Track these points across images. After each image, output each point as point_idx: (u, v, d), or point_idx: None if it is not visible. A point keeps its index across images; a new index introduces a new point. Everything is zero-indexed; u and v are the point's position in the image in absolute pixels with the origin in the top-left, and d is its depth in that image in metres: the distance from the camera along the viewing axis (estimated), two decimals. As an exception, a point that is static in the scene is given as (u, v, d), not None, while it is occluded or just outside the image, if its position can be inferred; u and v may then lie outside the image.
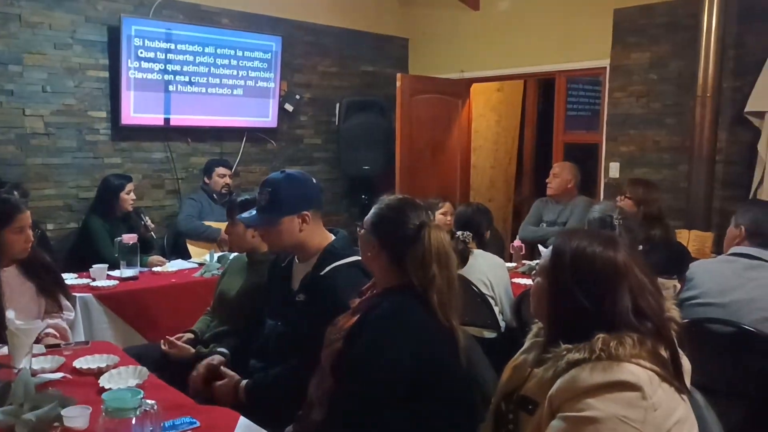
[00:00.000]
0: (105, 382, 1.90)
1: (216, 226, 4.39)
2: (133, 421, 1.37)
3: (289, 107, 5.68)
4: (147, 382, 1.92)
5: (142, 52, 4.67)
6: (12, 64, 4.24)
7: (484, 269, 3.10)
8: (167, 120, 4.93)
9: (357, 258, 1.98)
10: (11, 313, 2.21)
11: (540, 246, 3.60)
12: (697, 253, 3.89)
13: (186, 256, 4.27)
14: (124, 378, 1.94)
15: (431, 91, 5.94)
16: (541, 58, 5.56)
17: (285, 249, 2.20)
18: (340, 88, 6.05)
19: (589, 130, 5.67)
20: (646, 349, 1.24)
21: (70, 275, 3.41)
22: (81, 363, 2.06)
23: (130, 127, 4.76)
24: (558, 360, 1.28)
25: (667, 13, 4.81)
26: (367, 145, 5.81)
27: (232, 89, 5.20)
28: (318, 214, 2.15)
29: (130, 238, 3.50)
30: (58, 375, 1.98)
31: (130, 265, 3.49)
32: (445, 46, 6.24)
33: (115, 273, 3.50)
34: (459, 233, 3.09)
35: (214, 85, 5.10)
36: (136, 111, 4.72)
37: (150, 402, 1.43)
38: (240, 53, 5.19)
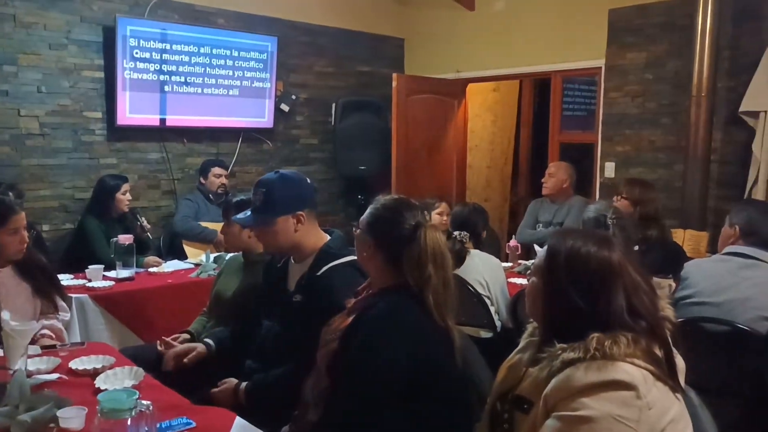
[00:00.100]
0: (101, 383, 1.90)
1: (212, 226, 4.39)
2: (128, 422, 1.37)
3: (285, 107, 5.68)
4: (143, 383, 1.92)
5: (137, 53, 4.66)
6: (6, 64, 4.22)
7: (480, 269, 3.11)
8: (163, 120, 4.92)
9: (353, 258, 1.98)
10: (6, 314, 2.19)
11: (536, 246, 3.61)
12: (692, 252, 3.90)
13: (182, 256, 4.27)
14: (120, 379, 1.94)
15: (427, 91, 5.95)
16: (537, 58, 5.57)
17: (281, 250, 2.20)
18: (336, 88, 6.05)
19: (585, 130, 5.68)
20: (641, 348, 1.25)
21: (66, 276, 3.41)
22: (77, 364, 2.06)
23: (126, 127, 4.75)
24: (553, 359, 1.29)
25: (662, 13, 4.82)
26: (363, 145, 5.80)
27: (227, 89, 5.19)
28: (313, 214, 2.15)
29: (126, 239, 3.50)
30: (54, 376, 1.98)
31: (126, 265, 3.50)
32: (441, 46, 6.24)
33: (111, 274, 3.50)
34: (456, 233, 3.10)
35: (210, 86, 5.09)
36: (132, 111, 4.72)
37: (145, 403, 1.43)
38: (236, 53, 5.19)
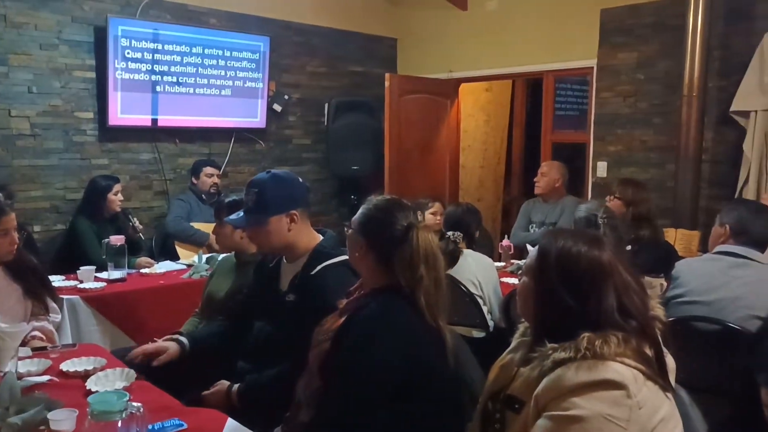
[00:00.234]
0: (92, 384, 1.89)
1: (204, 227, 4.37)
2: (119, 424, 1.37)
3: (277, 107, 5.67)
4: (134, 385, 1.92)
5: (129, 53, 4.64)
6: (-3, 64, 4.21)
7: (473, 269, 3.12)
8: (155, 121, 4.90)
9: (346, 257, 1.98)
10: (-4, 316, 2.19)
11: (528, 246, 3.62)
12: (683, 251, 3.92)
13: (174, 257, 4.26)
14: (111, 380, 1.93)
15: (420, 91, 5.95)
16: (529, 57, 5.58)
17: (274, 250, 2.20)
18: (328, 88, 6.04)
19: (577, 130, 5.70)
20: (631, 347, 1.25)
21: (57, 277, 3.40)
22: (68, 366, 2.06)
23: (118, 128, 4.73)
24: (544, 359, 1.29)
25: (653, 13, 4.84)
26: (356, 145, 5.80)
27: (220, 89, 5.18)
28: (306, 214, 2.15)
29: (117, 240, 3.48)
30: (45, 378, 1.97)
31: (117, 266, 3.48)
32: (434, 46, 6.24)
33: (103, 275, 3.48)
34: (449, 233, 3.10)
35: (202, 86, 5.07)
36: (124, 112, 4.70)
37: (136, 404, 1.42)
38: (228, 53, 5.17)
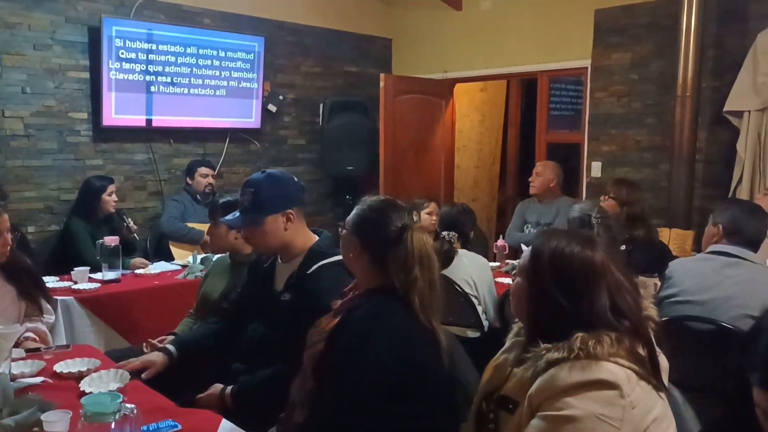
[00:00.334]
0: (86, 386, 1.88)
1: (199, 227, 4.36)
2: (112, 426, 1.36)
3: (272, 108, 5.66)
4: (128, 386, 1.91)
5: (123, 53, 4.63)
6: (-9, 65, 4.19)
7: (468, 269, 3.12)
8: (149, 121, 4.89)
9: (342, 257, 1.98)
10: (-10, 318, 2.18)
11: (523, 246, 3.62)
12: (677, 251, 3.93)
13: (169, 257, 4.25)
14: (105, 382, 1.92)
15: (415, 92, 5.95)
16: (524, 58, 5.59)
17: (270, 249, 2.19)
18: (323, 88, 6.04)
19: (572, 130, 5.71)
20: (624, 347, 1.26)
21: (51, 278, 3.38)
22: (62, 367, 2.05)
23: (112, 128, 4.71)
24: (537, 359, 1.29)
25: (647, 13, 4.86)
26: (351, 145, 5.80)
27: (214, 90, 5.17)
28: (301, 213, 2.14)
29: (112, 240, 3.47)
30: (38, 379, 1.96)
31: (112, 267, 3.46)
32: (429, 47, 6.25)
33: (97, 276, 3.47)
34: (444, 234, 3.10)
35: (197, 86, 5.07)
36: (118, 112, 4.68)
37: (130, 406, 1.42)
38: (222, 54, 5.17)
